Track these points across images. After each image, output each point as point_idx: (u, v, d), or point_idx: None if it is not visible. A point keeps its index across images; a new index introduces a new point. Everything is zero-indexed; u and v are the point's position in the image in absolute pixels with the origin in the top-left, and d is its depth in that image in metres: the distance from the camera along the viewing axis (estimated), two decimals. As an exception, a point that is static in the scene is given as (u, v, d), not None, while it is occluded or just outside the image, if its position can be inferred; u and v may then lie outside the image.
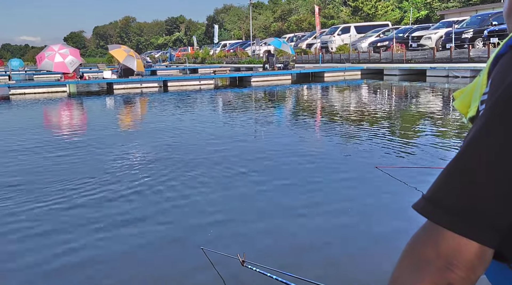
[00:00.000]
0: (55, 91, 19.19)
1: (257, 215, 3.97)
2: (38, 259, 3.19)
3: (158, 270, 2.98)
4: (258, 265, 2.68)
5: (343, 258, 3.13)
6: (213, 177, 5.17)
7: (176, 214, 4.04)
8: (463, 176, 0.55)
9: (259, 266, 2.67)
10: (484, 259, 0.55)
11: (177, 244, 3.41)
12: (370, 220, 3.75)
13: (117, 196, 4.58)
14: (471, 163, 0.55)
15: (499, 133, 0.53)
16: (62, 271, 3.02)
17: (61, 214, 4.08)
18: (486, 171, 0.53)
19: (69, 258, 3.19)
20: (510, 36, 0.59)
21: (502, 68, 0.57)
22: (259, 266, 2.67)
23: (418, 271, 0.57)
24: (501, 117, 0.53)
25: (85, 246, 3.40)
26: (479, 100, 0.60)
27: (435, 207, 0.57)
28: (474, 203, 0.54)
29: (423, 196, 0.59)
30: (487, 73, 0.61)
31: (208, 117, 11.01)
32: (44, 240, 3.53)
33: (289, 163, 5.73)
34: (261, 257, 2.92)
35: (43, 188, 4.91)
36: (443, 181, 0.58)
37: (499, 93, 0.55)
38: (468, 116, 0.65)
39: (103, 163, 6.02)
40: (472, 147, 0.56)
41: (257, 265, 2.68)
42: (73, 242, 3.46)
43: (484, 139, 0.54)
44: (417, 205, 0.59)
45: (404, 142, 6.87)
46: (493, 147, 0.53)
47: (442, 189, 0.57)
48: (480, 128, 0.55)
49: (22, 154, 6.81)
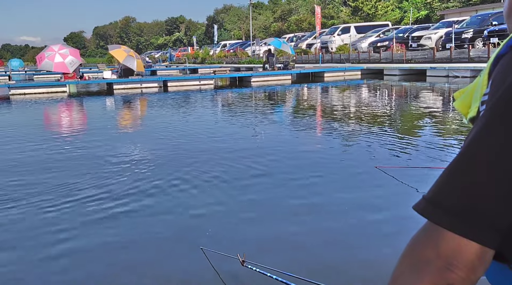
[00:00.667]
0: (55, 91, 19.19)
1: (257, 215, 3.97)
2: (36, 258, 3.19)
3: (158, 270, 2.97)
4: (258, 265, 2.68)
5: (343, 258, 3.13)
6: (213, 177, 5.17)
7: (176, 214, 4.04)
8: (463, 177, 0.55)
9: (259, 266, 2.67)
10: (485, 259, 0.55)
11: (177, 244, 3.41)
12: (370, 220, 3.75)
13: (117, 195, 4.57)
14: (471, 163, 0.55)
15: (500, 134, 0.53)
16: (61, 270, 3.02)
17: (63, 212, 4.08)
18: (487, 172, 0.53)
19: (69, 257, 3.19)
20: (510, 37, 0.59)
21: (502, 69, 0.57)
22: (259, 266, 2.67)
23: (418, 271, 0.57)
24: (502, 118, 0.53)
25: (84, 246, 3.40)
26: (480, 100, 0.60)
27: (435, 208, 0.57)
28: (475, 203, 0.54)
29: (424, 197, 0.59)
30: (487, 74, 0.61)
31: (208, 117, 11.01)
32: (42, 234, 3.53)
33: (289, 162, 5.73)
34: (261, 257, 2.92)
35: (43, 189, 4.91)
36: (443, 181, 0.57)
37: (499, 93, 0.55)
38: (468, 116, 0.65)
39: (104, 162, 6.02)
40: (472, 148, 0.56)
41: (257, 265, 2.68)
42: (72, 241, 3.46)
43: (485, 139, 0.54)
44: (417, 206, 0.59)
45: (404, 142, 6.87)
46: (493, 147, 0.53)
47: (443, 190, 0.57)
48: (480, 128, 0.55)
49: (22, 154, 6.82)
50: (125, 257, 3.21)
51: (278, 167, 5.53)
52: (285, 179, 5.00)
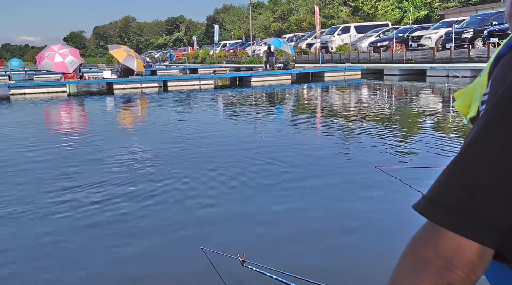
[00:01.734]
0: (55, 91, 19.19)
1: (257, 215, 3.97)
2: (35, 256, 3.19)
3: (158, 270, 2.97)
4: (258, 265, 2.68)
5: (343, 257, 3.13)
6: (213, 177, 5.17)
7: (176, 214, 4.04)
8: (463, 177, 0.55)
9: (259, 266, 2.67)
10: (484, 259, 0.55)
11: (177, 244, 3.41)
12: (369, 220, 3.75)
13: (117, 194, 4.57)
14: (471, 163, 0.55)
15: (500, 133, 0.53)
16: (62, 269, 3.02)
17: (63, 215, 4.08)
18: (487, 171, 0.53)
19: (71, 257, 3.20)
20: (510, 37, 0.59)
21: (502, 69, 0.57)
22: (259, 266, 2.67)
23: (418, 271, 0.57)
24: (502, 118, 0.53)
25: (83, 245, 3.40)
26: (480, 100, 0.60)
27: (435, 207, 0.57)
28: (474, 203, 0.54)
29: (423, 196, 0.59)
30: (487, 74, 0.61)
31: (208, 117, 11.01)
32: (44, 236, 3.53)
33: (289, 162, 5.72)
34: (261, 257, 2.92)
35: (43, 190, 4.92)
36: (443, 181, 0.57)
37: (499, 93, 0.55)
38: (468, 116, 0.65)
39: (105, 162, 6.02)
40: (472, 147, 0.56)
41: (257, 265, 2.68)
42: (71, 240, 3.46)
43: (485, 139, 0.54)
44: (417, 205, 0.59)
45: (404, 142, 6.88)
46: (493, 147, 0.53)
47: (443, 189, 0.57)
48: (480, 128, 0.55)
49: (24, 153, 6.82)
50: (124, 256, 3.21)
51: (277, 167, 5.52)
52: (283, 179, 5.00)
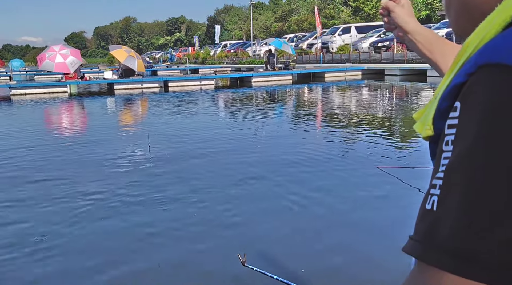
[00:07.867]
0: (56, 92, 19.20)
1: (256, 215, 3.96)
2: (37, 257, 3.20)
3: (158, 270, 2.97)
4: (258, 265, 2.67)
5: (343, 258, 3.12)
6: (213, 177, 5.17)
7: (176, 214, 4.04)
8: (463, 215, 0.45)
9: (259, 266, 2.66)
10: None
11: (177, 244, 3.41)
12: (370, 220, 3.74)
13: (119, 194, 4.58)
14: (468, 203, 0.45)
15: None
16: (65, 269, 3.02)
17: (70, 214, 4.08)
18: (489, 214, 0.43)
19: (75, 258, 3.20)
20: (463, 64, 0.49)
21: (472, 103, 0.47)
22: (259, 266, 2.66)
23: None
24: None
25: (82, 245, 3.40)
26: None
27: (469, 264, 0.46)
28: (478, 244, 0.44)
29: (412, 238, 0.48)
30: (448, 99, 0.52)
31: (209, 117, 11.01)
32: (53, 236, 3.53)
33: (289, 162, 5.72)
34: (261, 257, 2.92)
35: (46, 191, 4.92)
36: (440, 218, 0.46)
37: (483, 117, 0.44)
38: (424, 134, 0.59)
39: (106, 162, 6.03)
40: (462, 180, 0.44)
41: (257, 265, 2.67)
42: (71, 240, 3.46)
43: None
44: (408, 248, 0.48)
45: (405, 142, 6.87)
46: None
47: (443, 231, 0.45)
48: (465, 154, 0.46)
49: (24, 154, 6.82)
50: (125, 256, 3.21)
51: (278, 167, 5.52)
52: (284, 179, 4.99)
